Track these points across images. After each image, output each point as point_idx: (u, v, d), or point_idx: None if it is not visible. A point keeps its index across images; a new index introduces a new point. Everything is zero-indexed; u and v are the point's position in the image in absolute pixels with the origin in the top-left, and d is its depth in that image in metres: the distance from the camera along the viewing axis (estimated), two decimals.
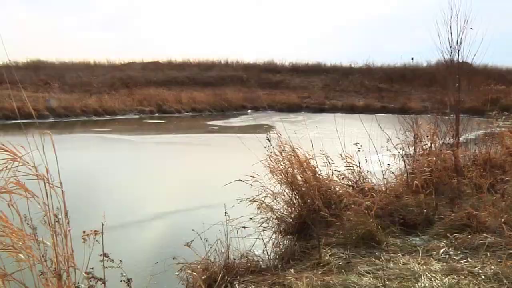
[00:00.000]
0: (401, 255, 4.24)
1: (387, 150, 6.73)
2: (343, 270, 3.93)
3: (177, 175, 11.53)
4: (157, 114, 32.39)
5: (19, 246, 2.72)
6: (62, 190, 2.88)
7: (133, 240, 6.38)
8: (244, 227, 4.81)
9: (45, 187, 2.83)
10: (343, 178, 6.11)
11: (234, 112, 34.88)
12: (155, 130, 24.61)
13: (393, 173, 6.45)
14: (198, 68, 46.41)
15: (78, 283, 2.83)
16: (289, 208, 5.72)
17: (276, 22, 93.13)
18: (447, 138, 7.63)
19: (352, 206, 5.05)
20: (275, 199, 5.59)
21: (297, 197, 5.69)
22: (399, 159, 6.67)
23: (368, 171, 6.25)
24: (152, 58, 49.03)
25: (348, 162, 6.15)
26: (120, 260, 2.99)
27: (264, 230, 5.32)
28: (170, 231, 6.83)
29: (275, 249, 5.07)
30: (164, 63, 47.73)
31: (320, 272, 3.98)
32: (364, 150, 6.24)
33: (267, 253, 4.83)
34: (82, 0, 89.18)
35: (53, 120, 26.59)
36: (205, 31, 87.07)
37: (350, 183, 6.13)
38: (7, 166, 2.75)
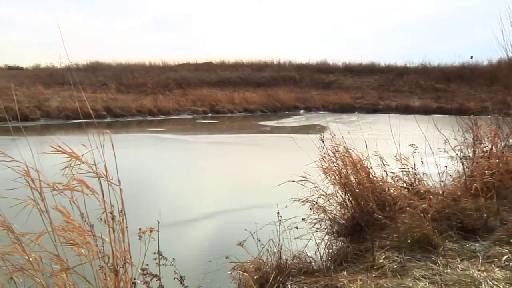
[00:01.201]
0: (459, 261, 4.09)
1: (444, 151, 6.51)
2: (397, 274, 3.84)
3: (229, 174, 11.63)
4: (210, 114, 32.82)
5: (80, 241, 2.82)
6: (120, 188, 2.96)
7: (185, 238, 6.48)
8: (296, 228, 4.78)
9: (101, 185, 2.92)
10: (397, 180, 5.96)
11: (286, 112, 34.85)
12: (208, 130, 24.93)
13: (450, 175, 6.23)
14: (251, 68, 46.69)
15: (134, 279, 2.90)
16: (342, 210, 5.65)
17: (328, 22, 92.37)
18: (510, 140, 7.29)
19: (407, 208, 4.92)
20: (328, 200, 5.53)
21: (350, 198, 5.61)
22: (457, 161, 6.44)
23: (424, 173, 6.08)
24: (206, 59, 49.89)
25: (403, 164, 6.00)
26: (174, 258, 3.05)
27: (316, 231, 5.27)
28: (222, 230, 6.89)
29: (327, 251, 5.01)
30: (217, 64, 48.32)
31: (373, 275, 3.90)
32: (420, 151, 6.07)
33: (320, 254, 4.79)
34: (136, 4, 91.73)
35: (110, 120, 27.44)
36: (258, 32, 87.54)
37: (405, 185, 5.97)
38: (70, 164, 2.86)
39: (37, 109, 26.70)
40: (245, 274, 4.03)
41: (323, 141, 5.77)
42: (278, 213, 4.56)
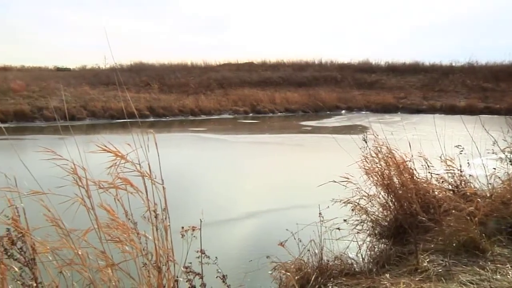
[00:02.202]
0: (510, 267, 3.94)
1: (493, 153, 6.29)
2: (442, 278, 3.74)
3: (270, 174, 11.63)
4: (251, 114, 32.92)
5: (124, 238, 2.88)
6: (163, 187, 3.00)
7: (227, 237, 6.53)
8: (338, 229, 4.74)
9: (145, 184, 2.97)
10: (442, 181, 5.81)
11: (328, 112, 34.56)
12: (249, 130, 25.02)
13: (499, 178, 6.02)
14: (292, 68, 46.52)
15: (177, 277, 2.93)
16: (385, 211, 5.55)
17: (371, 21, 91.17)
18: None
19: (453, 211, 4.79)
20: (370, 201, 5.45)
21: (393, 200, 5.51)
22: (507, 163, 6.21)
23: (470, 175, 5.90)
24: (247, 59, 50.01)
25: (448, 165, 5.84)
26: (216, 257, 3.07)
27: (358, 232, 5.20)
28: (263, 230, 6.90)
29: (369, 253, 4.94)
30: (258, 64, 48.38)
31: (417, 279, 3.82)
32: (466, 153, 5.89)
33: (361, 256, 4.72)
34: (179, 5, 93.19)
35: (153, 119, 27.93)
36: (299, 32, 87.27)
37: (450, 187, 5.81)
38: (115, 163, 2.92)
39: (83, 108, 27.46)
40: (288, 274, 4.01)
41: (366, 142, 5.69)
42: (320, 213, 4.53)
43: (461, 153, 5.87)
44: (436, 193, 5.59)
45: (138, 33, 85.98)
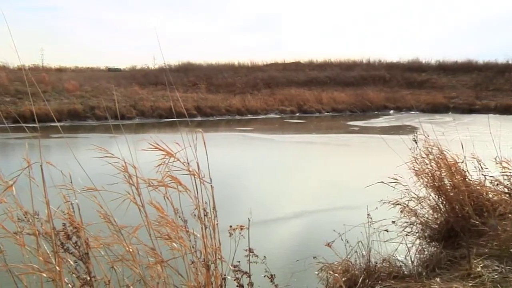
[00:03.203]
0: None
1: None
2: (498, 285, 3.59)
3: (316, 174, 11.56)
4: (297, 114, 32.86)
5: (173, 236, 2.93)
6: (211, 186, 3.02)
7: (273, 237, 6.53)
8: (386, 231, 4.64)
9: (195, 182, 3.00)
10: (497, 184, 5.59)
11: (376, 112, 34.06)
12: (295, 129, 24.97)
13: None
14: (339, 68, 46.10)
15: (225, 275, 2.95)
16: (435, 214, 5.40)
17: (420, 19, 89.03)
18: None
19: (510, 215, 4.60)
20: (420, 203, 5.32)
21: (444, 202, 5.35)
22: None
23: None
24: (293, 58, 49.93)
25: (504, 168, 5.61)
26: (264, 256, 3.07)
27: (407, 235, 5.09)
28: (310, 230, 6.87)
29: (419, 256, 4.82)
30: (305, 64, 48.22)
31: (470, 284, 3.68)
32: None
33: (410, 259, 4.61)
34: (225, 6, 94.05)
35: (200, 119, 28.30)
36: (347, 31, 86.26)
37: (506, 190, 5.59)
38: (164, 161, 2.97)
39: (132, 108, 28.17)
40: (335, 275, 3.97)
41: (416, 142, 5.55)
42: (368, 214, 4.45)
43: None
44: (490, 196, 5.39)
45: (188, 34, 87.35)
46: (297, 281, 4.43)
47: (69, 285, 2.70)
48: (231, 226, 3.07)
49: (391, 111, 34.76)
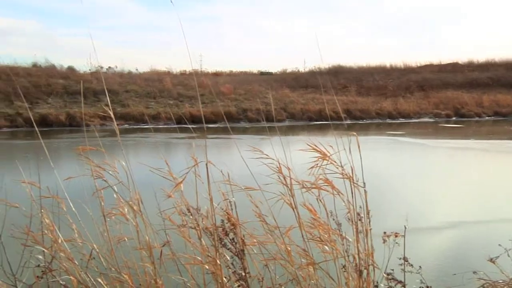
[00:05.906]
0: None
1: None
2: None
3: (475, 182, 10.76)
4: (453, 118, 30.97)
5: (325, 238, 2.93)
6: (364, 190, 2.97)
7: (428, 246, 6.21)
8: None
9: (351, 186, 2.96)
10: None
11: None
12: (451, 134, 23.50)
13: None
14: (505, 68, 42.18)
15: (377, 282, 2.87)
16: None
17: None
18: None
19: None
20: None
21: None
22: None
23: None
24: (450, 59, 46.99)
25: None
26: (420, 266, 2.93)
27: None
28: (468, 242, 6.41)
29: None
30: (464, 64, 45.13)
31: None
32: None
33: None
34: (374, 7, 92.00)
35: (350, 122, 28.06)
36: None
37: None
38: (318, 164, 2.98)
39: (283, 110, 28.94)
40: None
41: None
42: None
43: None
44: None
45: (337, 38, 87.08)
46: None
47: (225, 278, 2.85)
48: (385, 233, 2.98)
49: None
